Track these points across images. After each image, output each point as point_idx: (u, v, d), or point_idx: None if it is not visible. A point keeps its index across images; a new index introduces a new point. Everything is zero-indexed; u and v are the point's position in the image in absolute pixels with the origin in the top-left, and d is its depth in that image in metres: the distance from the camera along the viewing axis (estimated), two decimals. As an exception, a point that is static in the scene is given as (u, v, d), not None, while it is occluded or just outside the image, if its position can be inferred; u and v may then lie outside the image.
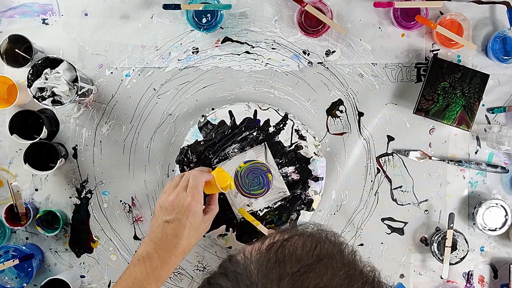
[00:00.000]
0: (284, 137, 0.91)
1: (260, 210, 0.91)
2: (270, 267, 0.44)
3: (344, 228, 0.95)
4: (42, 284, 0.89)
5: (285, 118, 0.91)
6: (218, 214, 0.91)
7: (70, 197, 0.94)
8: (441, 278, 0.91)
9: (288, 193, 0.91)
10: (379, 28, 0.94)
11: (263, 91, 0.94)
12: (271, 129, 0.91)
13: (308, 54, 0.94)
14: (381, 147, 0.95)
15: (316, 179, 0.91)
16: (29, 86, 0.83)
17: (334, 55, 0.94)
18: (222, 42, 0.94)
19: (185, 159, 0.91)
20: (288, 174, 0.91)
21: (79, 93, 0.84)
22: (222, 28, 0.94)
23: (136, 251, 0.77)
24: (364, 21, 0.94)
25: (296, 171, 0.91)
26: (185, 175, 0.82)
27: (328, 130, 0.95)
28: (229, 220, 0.91)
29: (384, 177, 0.95)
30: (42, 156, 0.91)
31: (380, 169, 0.95)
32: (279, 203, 0.91)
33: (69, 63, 0.84)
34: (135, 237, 0.95)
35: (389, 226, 0.95)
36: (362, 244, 0.95)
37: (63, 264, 0.95)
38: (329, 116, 0.95)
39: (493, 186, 0.95)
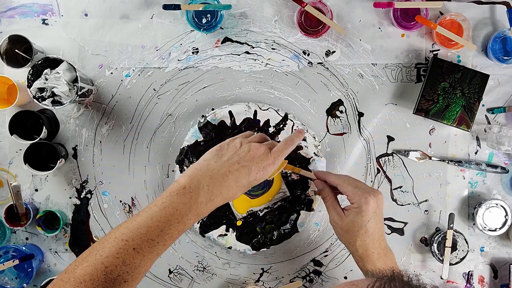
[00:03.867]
0: (284, 137, 0.91)
1: (260, 210, 0.91)
2: None
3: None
4: (42, 284, 0.89)
5: (285, 118, 0.91)
6: (219, 214, 0.91)
7: (70, 198, 0.94)
8: (441, 278, 0.91)
9: (288, 194, 0.91)
10: (379, 28, 0.94)
11: (263, 91, 0.94)
12: (271, 130, 0.91)
13: (308, 55, 0.94)
14: (381, 147, 0.95)
15: (316, 179, 0.91)
16: (29, 86, 0.84)
17: (334, 55, 0.94)
18: (222, 43, 0.94)
19: (185, 159, 0.91)
20: (288, 174, 0.91)
21: (79, 93, 0.84)
22: (222, 29, 0.94)
23: (177, 180, 0.68)
24: (364, 21, 0.94)
25: (296, 172, 0.91)
26: (272, 141, 0.78)
27: (328, 130, 0.95)
28: (229, 220, 0.91)
29: (384, 178, 0.95)
30: (42, 157, 0.91)
31: (380, 169, 0.95)
32: (279, 203, 0.91)
33: (69, 63, 0.84)
34: (135, 238, 0.95)
35: (389, 227, 0.95)
36: (362, 245, 0.95)
37: (63, 264, 0.95)
38: (329, 116, 0.95)
39: (493, 187, 0.95)
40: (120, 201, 0.95)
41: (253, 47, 0.94)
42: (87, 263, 0.59)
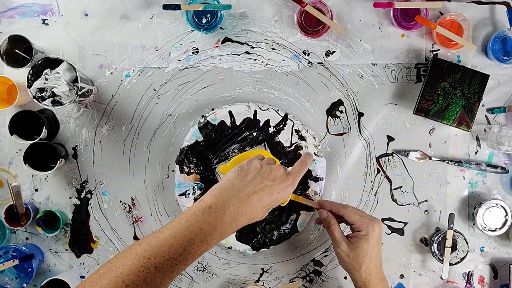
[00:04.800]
0: (284, 138, 0.91)
1: (260, 210, 0.91)
2: None
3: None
4: (42, 284, 0.89)
5: (285, 118, 0.91)
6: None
7: (70, 198, 0.94)
8: (441, 278, 0.91)
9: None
10: (379, 28, 0.94)
11: (263, 91, 0.94)
12: (271, 130, 0.91)
13: (308, 55, 0.94)
14: (381, 147, 0.95)
15: (316, 179, 0.91)
16: (29, 86, 0.84)
17: (334, 55, 0.94)
18: (222, 43, 0.94)
19: (185, 159, 0.91)
20: (288, 175, 0.91)
21: (79, 93, 0.84)
22: (222, 29, 0.94)
23: (202, 198, 0.67)
24: (364, 21, 0.94)
25: (296, 172, 0.91)
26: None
27: (328, 131, 0.95)
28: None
29: (384, 178, 0.95)
30: (42, 157, 0.91)
31: (380, 169, 0.95)
32: (279, 203, 0.91)
33: (69, 63, 0.84)
34: (135, 238, 0.95)
35: (389, 227, 0.95)
36: (362, 245, 0.95)
37: (63, 264, 0.95)
38: (329, 117, 0.95)
39: (493, 187, 0.95)
40: (120, 201, 0.95)
41: (253, 47, 0.94)
42: (106, 281, 0.57)
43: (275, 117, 0.91)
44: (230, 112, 0.91)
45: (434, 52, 0.94)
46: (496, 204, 0.92)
